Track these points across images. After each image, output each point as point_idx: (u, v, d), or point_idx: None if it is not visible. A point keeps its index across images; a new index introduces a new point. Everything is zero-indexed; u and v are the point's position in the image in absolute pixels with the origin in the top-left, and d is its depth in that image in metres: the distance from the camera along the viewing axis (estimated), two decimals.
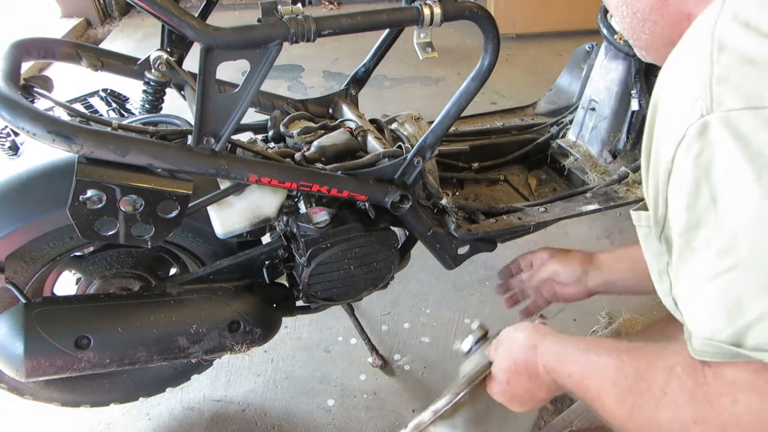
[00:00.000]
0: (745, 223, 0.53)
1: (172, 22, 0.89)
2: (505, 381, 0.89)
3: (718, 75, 0.54)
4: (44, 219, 1.13)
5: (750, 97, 0.52)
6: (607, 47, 1.66)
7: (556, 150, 1.79)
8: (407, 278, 2.09)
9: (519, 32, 4.00)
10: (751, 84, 0.52)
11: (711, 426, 0.56)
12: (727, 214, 0.54)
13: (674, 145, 0.57)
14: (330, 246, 1.24)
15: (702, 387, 0.58)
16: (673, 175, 0.59)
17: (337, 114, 1.58)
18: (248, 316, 1.27)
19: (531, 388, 0.86)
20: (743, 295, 0.53)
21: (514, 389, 0.88)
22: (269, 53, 0.95)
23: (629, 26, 0.73)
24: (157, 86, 1.36)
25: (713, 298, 0.56)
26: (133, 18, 4.54)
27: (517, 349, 0.88)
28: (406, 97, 3.39)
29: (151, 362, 1.22)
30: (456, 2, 1.05)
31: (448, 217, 1.41)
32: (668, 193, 0.61)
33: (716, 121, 0.53)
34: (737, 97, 0.53)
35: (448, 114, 1.21)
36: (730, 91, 0.53)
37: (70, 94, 1.47)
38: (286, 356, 1.83)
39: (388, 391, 1.71)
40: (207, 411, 1.66)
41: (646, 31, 0.71)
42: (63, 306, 1.17)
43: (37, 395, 1.36)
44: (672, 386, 0.61)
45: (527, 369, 0.86)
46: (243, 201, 1.20)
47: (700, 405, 0.57)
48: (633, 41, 0.75)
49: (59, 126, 0.91)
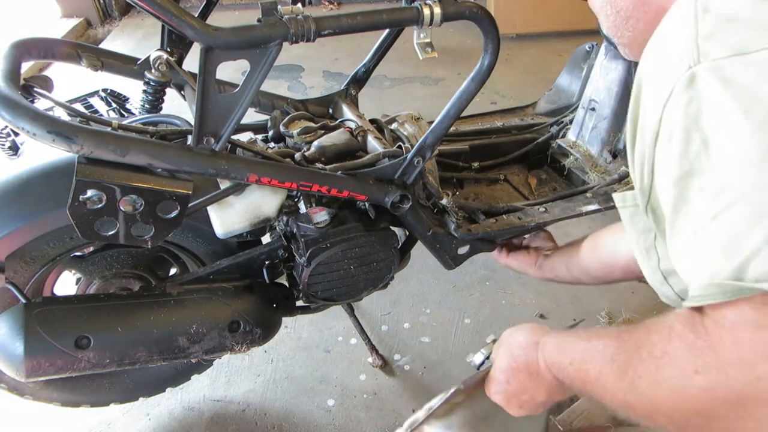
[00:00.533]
0: (736, 159, 0.54)
1: (172, 22, 0.89)
2: (504, 380, 0.88)
3: (704, 33, 0.58)
4: (44, 219, 1.13)
5: (735, 46, 0.55)
6: (607, 47, 1.66)
7: (556, 150, 1.79)
8: (407, 278, 2.09)
9: (519, 32, 4.00)
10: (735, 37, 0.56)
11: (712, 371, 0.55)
12: (719, 155, 0.55)
13: (662, 105, 0.60)
14: (330, 246, 1.24)
15: (703, 337, 0.57)
16: (660, 134, 0.61)
17: (337, 114, 1.58)
18: (248, 316, 1.27)
19: (530, 387, 0.85)
20: (740, 230, 0.53)
21: (514, 389, 0.87)
22: (269, 53, 0.95)
23: (613, 25, 0.77)
24: (157, 86, 1.36)
25: (711, 240, 0.56)
26: (133, 18, 4.54)
27: (518, 347, 0.87)
28: (406, 97, 3.39)
29: (151, 362, 1.22)
30: (456, 2, 1.05)
31: (448, 217, 1.40)
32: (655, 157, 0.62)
33: (703, 71, 0.56)
34: (722, 48, 0.56)
35: (448, 114, 1.21)
36: (716, 43, 0.56)
37: (70, 94, 1.48)
38: (286, 356, 1.83)
39: (388, 391, 1.71)
40: (207, 411, 1.66)
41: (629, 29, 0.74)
42: (63, 306, 1.17)
43: (37, 395, 1.36)
44: (672, 344, 0.60)
45: (527, 367, 0.85)
46: (243, 201, 1.20)
47: (701, 353, 0.56)
48: (617, 39, 0.78)
49: (59, 126, 0.91)
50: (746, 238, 0.53)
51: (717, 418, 0.56)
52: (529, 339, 0.86)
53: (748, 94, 0.53)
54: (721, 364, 0.54)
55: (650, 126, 0.62)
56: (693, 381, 0.56)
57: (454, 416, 0.95)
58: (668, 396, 0.59)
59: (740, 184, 0.54)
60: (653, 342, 0.62)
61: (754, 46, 0.55)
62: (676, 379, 0.58)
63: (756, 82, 0.54)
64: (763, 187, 0.53)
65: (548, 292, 2.04)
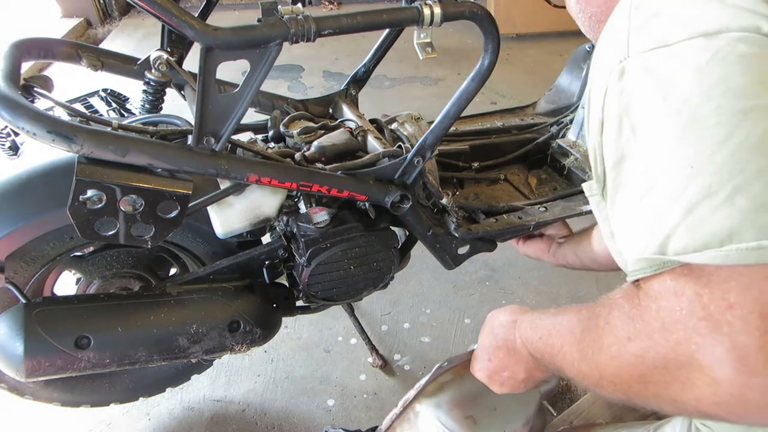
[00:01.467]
0: (656, 142, 0.59)
1: (172, 22, 0.89)
2: (486, 358, 0.92)
3: (634, 27, 0.64)
4: (44, 219, 1.13)
5: (658, 39, 0.61)
6: None
7: (556, 149, 1.79)
8: (407, 278, 2.09)
9: (519, 32, 4.00)
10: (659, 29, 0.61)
11: (641, 338, 0.59)
12: (643, 139, 0.61)
13: (602, 95, 0.66)
14: (330, 246, 1.24)
15: (636, 307, 0.61)
16: (604, 124, 0.66)
17: (337, 114, 1.58)
18: (248, 316, 1.27)
19: (509, 364, 0.89)
20: (661, 208, 0.57)
21: (494, 366, 0.91)
22: (269, 53, 0.95)
23: (589, 29, 0.85)
24: (157, 86, 1.35)
25: (640, 218, 0.61)
26: (133, 18, 4.54)
27: (499, 326, 0.92)
28: (406, 97, 3.39)
29: (151, 362, 1.22)
30: (456, 2, 1.05)
31: (448, 216, 1.40)
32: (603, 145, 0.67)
33: (631, 63, 0.62)
34: (648, 41, 0.62)
35: (448, 114, 1.21)
36: (643, 37, 0.62)
37: (70, 94, 1.48)
38: (286, 356, 1.83)
39: (388, 391, 1.71)
40: (207, 411, 1.66)
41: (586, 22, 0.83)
42: (63, 306, 1.17)
43: (37, 395, 1.36)
44: (612, 314, 0.64)
45: (506, 344, 0.89)
46: (243, 201, 1.19)
47: (633, 321, 0.60)
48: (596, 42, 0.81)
49: (59, 126, 0.91)
50: (666, 216, 0.57)
51: (651, 382, 0.60)
52: (509, 318, 0.91)
53: (668, 83, 0.58)
54: (648, 331, 0.58)
55: (596, 115, 0.68)
56: (627, 348, 0.61)
57: (443, 394, 0.98)
58: (609, 363, 0.64)
59: (659, 165, 0.58)
60: (599, 313, 0.67)
61: (675, 38, 0.59)
62: (614, 346, 0.63)
63: (675, 71, 0.58)
64: (678, 167, 0.56)
65: (548, 292, 2.04)
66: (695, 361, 0.54)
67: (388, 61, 1.64)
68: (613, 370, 0.63)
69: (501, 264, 2.18)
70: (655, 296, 0.58)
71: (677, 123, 0.57)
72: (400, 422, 1.01)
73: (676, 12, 0.62)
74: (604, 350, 0.64)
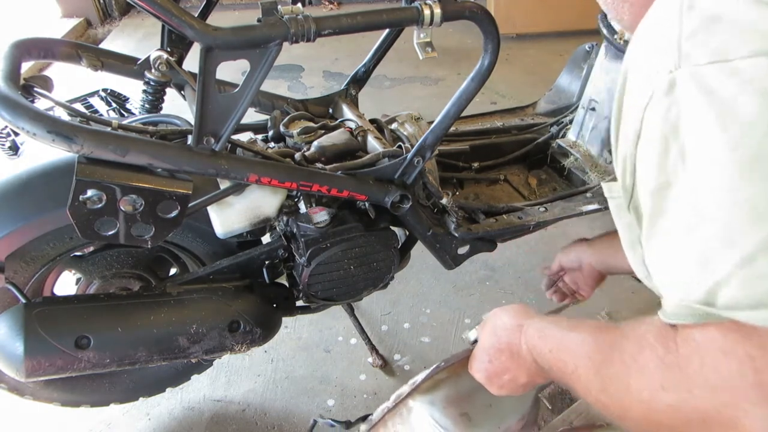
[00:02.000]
0: (712, 177, 0.52)
1: (172, 22, 0.89)
2: (486, 359, 0.90)
3: (687, 32, 0.54)
4: (44, 219, 1.13)
5: (716, 51, 0.52)
6: (607, 47, 1.66)
7: (556, 150, 1.79)
8: (407, 278, 2.09)
9: (519, 32, 4.00)
10: (718, 39, 0.52)
11: (678, 390, 0.56)
12: (695, 169, 0.53)
13: (643, 106, 0.57)
14: (330, 246, 1.24)
15: (672, 353, 0.57)
16: (642, 137, 0.59)
17: (337, 114, 1.58)
18: (248, 316, 1.27)
19: (511, 368, 0.86)
20: (713, 253, 0.52)
21: (495, 368, 0.89)
22: (269, 53, 0.95)
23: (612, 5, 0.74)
24: (157, 86, 1.35)
25: (683, 259, 0.55)
26: (133, 18, 4.54)
27: (502, 327, 0.89)
28: (406, 97, 3.39)
29: (151, 362, 1.22)
30: (456, 2, 1.05)
31: (448, 216, 1.40)
32: (636, 158, 0.60)
33: (683, 77, 0.53)
34: (704, 52, 0.53)
35: (448, 114, 1.21)
36: (698, 46, 0.53)
37: (70, 94, 1.48)
38: (286, 356, 1.83)
39: (388, 391, 1.70)
40: (207, 411, 1.66)
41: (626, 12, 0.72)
42: (63, 306, 1.17)
43: (37, 395, 1.37)
44: (643, 354, 0.60)
45: (510, 347, 0.86)
46: (243, 201, 1.20)
47: (670, 370, 0.57)
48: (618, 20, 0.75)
49: (59, 126, 0.91)
50: (718, 261, 0.51)
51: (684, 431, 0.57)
52: (513, 321, 0.88)
53: (727, 108, 0.51)
54: (688, 386, 0.55)
55: (632, 125, 0.60)
56: (660, 396, 0.57)
57: (438, 392, 0.97)
58: (637, 405, 0.60)
59: (715, 203, 0.51)
60: (625, 348, 0.63)
61: (736, 52, 0.51)
62: (645, 391, 0.59)
63: (736, 95, 0.50)
64: (736, 209, 0.50)
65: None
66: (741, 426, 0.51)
67: (388, 61, 1.64)
68: (642, 413, 0.60)
69: (501, 264, 2.18)
70: (697, 348, 0.54)
71: (739, 155, 0.50)
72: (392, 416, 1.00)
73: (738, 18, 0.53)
74: (633, 392, 0.61)
